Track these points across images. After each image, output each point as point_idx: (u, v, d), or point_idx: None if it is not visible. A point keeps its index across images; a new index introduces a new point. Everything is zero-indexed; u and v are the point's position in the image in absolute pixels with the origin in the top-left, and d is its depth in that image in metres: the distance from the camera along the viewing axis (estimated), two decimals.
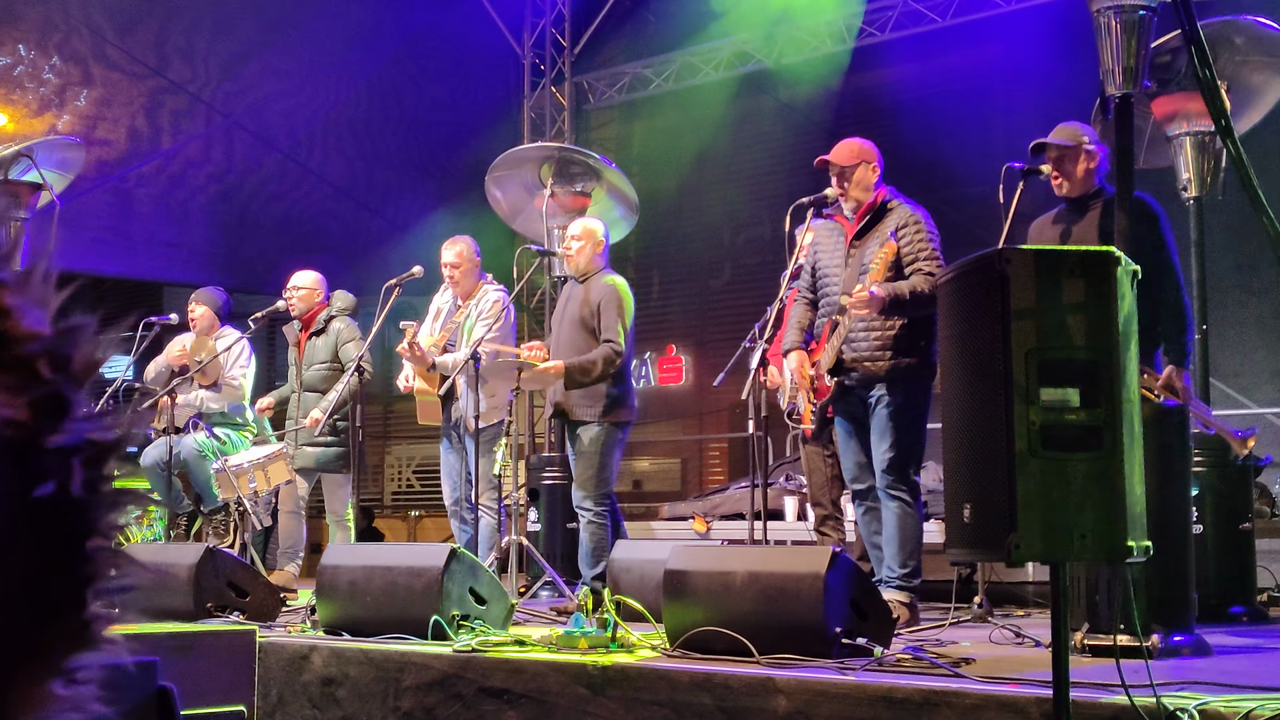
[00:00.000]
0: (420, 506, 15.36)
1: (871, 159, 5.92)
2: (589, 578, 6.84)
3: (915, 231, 5.77)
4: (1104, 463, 3.00)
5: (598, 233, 7.21)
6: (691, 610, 4.68)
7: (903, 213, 5.83)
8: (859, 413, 5.89)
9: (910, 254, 5.72)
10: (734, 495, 9.12)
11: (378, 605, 5.43)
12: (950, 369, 3.33)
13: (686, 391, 13.74)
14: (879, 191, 5.91)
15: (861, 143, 5.96)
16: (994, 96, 10.73)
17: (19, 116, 10.05)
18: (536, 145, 9.43)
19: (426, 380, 7.34)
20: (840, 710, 3.90)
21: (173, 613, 5.97)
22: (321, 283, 8.36)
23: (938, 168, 10.29)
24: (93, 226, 10.34)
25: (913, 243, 5.74)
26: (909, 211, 5.84)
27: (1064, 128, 5.56)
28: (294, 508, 8.13)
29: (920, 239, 5.75)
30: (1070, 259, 3.07)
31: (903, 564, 5.74)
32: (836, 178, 5.89)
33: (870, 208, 5.88)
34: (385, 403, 16.55)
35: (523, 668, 4.66)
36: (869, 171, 5.89)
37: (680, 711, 4.24)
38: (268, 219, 11.43)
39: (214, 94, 10.93)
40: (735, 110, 12.42)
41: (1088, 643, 4.39)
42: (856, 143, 5.96)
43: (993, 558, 3.62)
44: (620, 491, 13.58)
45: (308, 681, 5.26)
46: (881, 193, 5.92)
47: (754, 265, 12.27)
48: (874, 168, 5.91)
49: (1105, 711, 3.42)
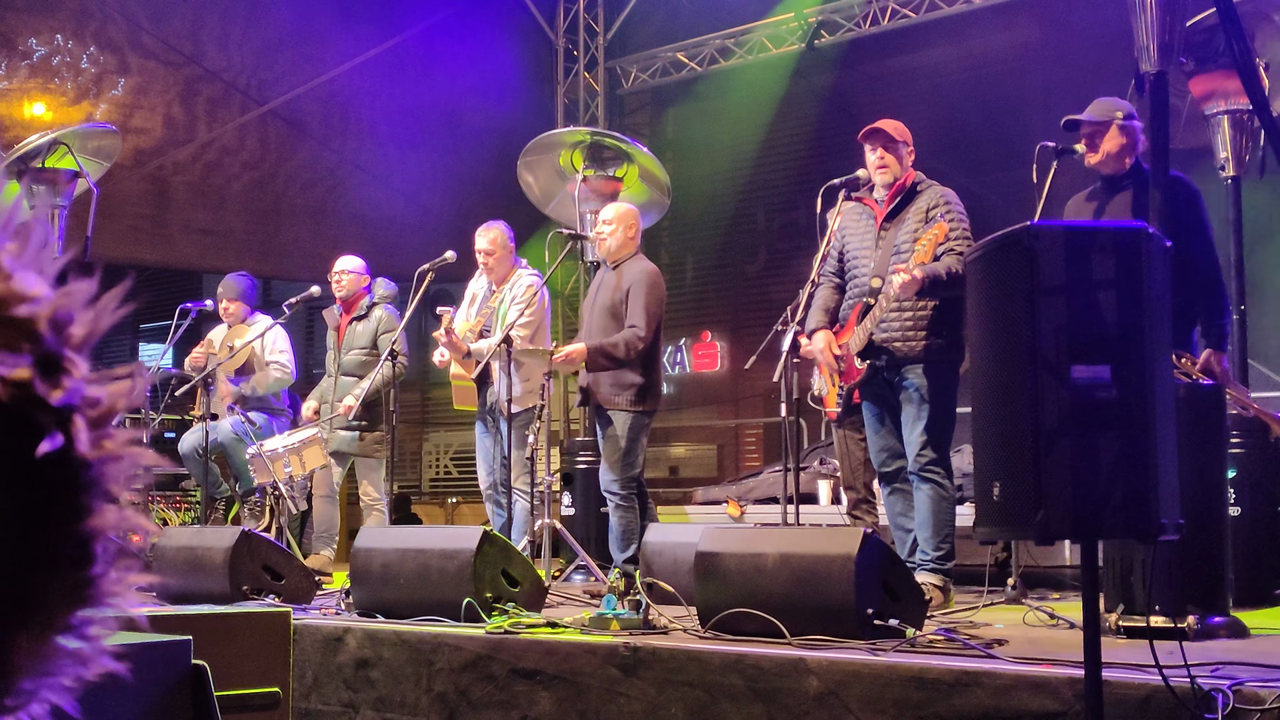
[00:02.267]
0: (458, 493, 15.42)
1: (910, 143, 5.95)
2: (620, 561, 6.85)
3: (947, 213, 5.77)
4: (1135, 440, 2.97)
5: (630, 217, 7.20)
6: (723, 592, 4.68)
7: (933, 194, 5.83)
8: (887, 396, 5.87)
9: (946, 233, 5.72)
10: (767, 479, 9.11)
11: (411, 587, 5.45)
12: (979, 347, 3.31)
13: (722, 377, 13.71)
14: (910, 174, 5.91)
15: (901, 125, 6.01)
16: (1031, 78, 10.65)
17: (57, 105, 10.13)
18: (569, 130, 9.43)
19: (462, 365, 7.36)
20: (871, 691, 3.88)
21: (208, 596, 6.02)
22: (365, 268, 8.42)
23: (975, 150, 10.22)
24: (130, 215, 10.41)
25: (948, 221, 5.73)
26: (939, 193, 5.84)
27: (1099, 103, 5.51)
28: (328, 492, 8.18)
29: (953, 220, 5.74)
30: (1101, 235, 3.05)
31: (936, 547, 5.73)
32: (883, 146, 5.89)
33: (900, 189, 5.87)
34: (423, 390, 16.61)
35: (555, 649, 4.66)
36: (907, 153, 5.93)
37: (712, 692, 4.23)
38: (303, 206, 11.47)
39: (249, 81, 10.98)
40: (770, 93, 12.37)
41: (1123, 624, 4.36)
42: (897, 123, 6.00)
43: (1022, 536, 3.60)
44: (657, 477, 13.66)
45: (342, 663, 5.29)
46: (912, 175, 5.92)
47: (790, 250, 12.22)
48: (910, 152, 5.96)
49: (1139, 692, 3.40)
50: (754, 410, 13.09)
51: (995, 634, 4.53)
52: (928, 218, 5.78)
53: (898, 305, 5.74)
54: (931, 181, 5.94)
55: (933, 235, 5.57)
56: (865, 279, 5.86)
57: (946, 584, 5.71)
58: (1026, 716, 3.58)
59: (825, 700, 3.97)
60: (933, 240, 5.57)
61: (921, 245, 5.58)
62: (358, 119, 11.67)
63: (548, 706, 4.62)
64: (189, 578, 6.23)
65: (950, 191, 5.88)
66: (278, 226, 11.35)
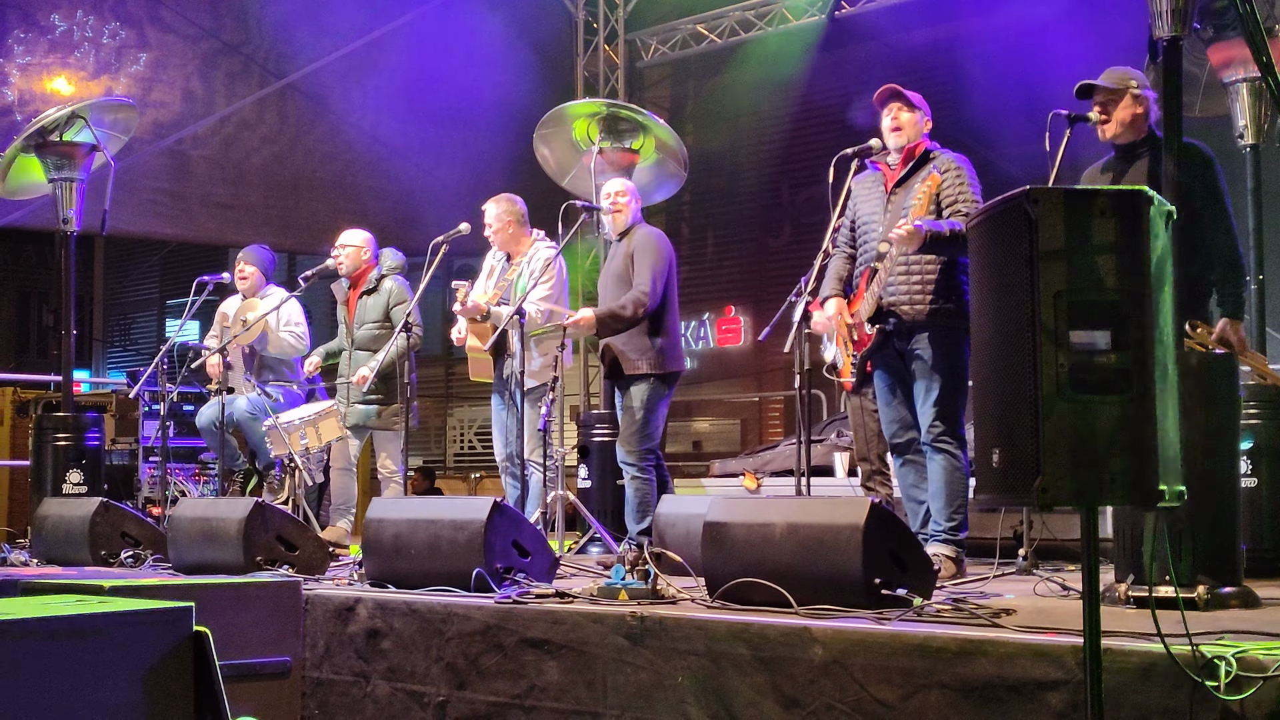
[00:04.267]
0: (482, 468, 15.46)
1: (928, 112, 5.96)
2: (635, 532, 6.86)
3: (956, 176, 5.76)
4: (1135, 406, 2.93)
5: (636, 190, 7.30)
6: (730, 562, 4.67)
7: (943, 160, 5.82)
8: (898, 366, 5.85)
9: (950, 197, 5.72)
10: (784, 452, 9.10)
11: (422, 558, 5.46)
12: (979, 312, 3.28)
13: (745, 351, 13.71)
14: (923, 141, 5.89)
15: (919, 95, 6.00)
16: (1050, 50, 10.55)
17: (78, 80, 10.16)
18: (584, 102, 9.40)
19: (478, 335, 7.35)
20: (876, 660, 3.88)
21: (223, 567, 6.06)
22: (370, 241, 8.40)
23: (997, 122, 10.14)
24: (149, 188, 10.46)
25: (953, 186, 5.75)
26: (950, 158, 5.83)
27: (1112, 71, 5.45)
28: (345, 464, 8.20)
29: (960, 183, 5.75)
30: (1101, 199, 3.00)
31: (949, 518, 5.71)
32: (902, 106, 5.87)
33: (911, 154, 5.85)
34: (447, 364, 16.66)
35: (563, 619, 4.67)
36: (924, 120, 5.92)
37: (717, 661, 4.23)
38: (322, 180, 11.49)
39: (267, 55, 10.99)
40: (791, 66, 12.31)
41: (1132, 594, 4.33)
42: (916, 94, 5.98)
43: (1021, 502, 3.58)
44: (679, 451, 13.66)
45: (353, 633, 5.31)
46: (925, 143, 5.90)
47: (814, 224, 12.16)
48: (927, 120, 5.94)
49: (1141, 660, 3.38)
50: (776, 384, 13.09)
51: (1004, 604, 4.51)
52: (942, 181, 5.76)
53: (904, 268, 5.72)
54: (944, 150, 5.91)
55: (926, 189, 5.58)
56: (874, 244, 5.83)
57: (959, 555, 5.69)
58: (1029, 685, 3.57)
59: (830, 669, 3.97)
60: (928, 192, 5.58)
61: (917, 200, 5.58)
62: (376, 93, 11.67)
63: (555, 675, 4.64)
64: (204, 549, 6.27)
65: (962, 157, 5.86)
66: (296, 200, 11.38)
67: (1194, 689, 3.26)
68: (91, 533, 6.98)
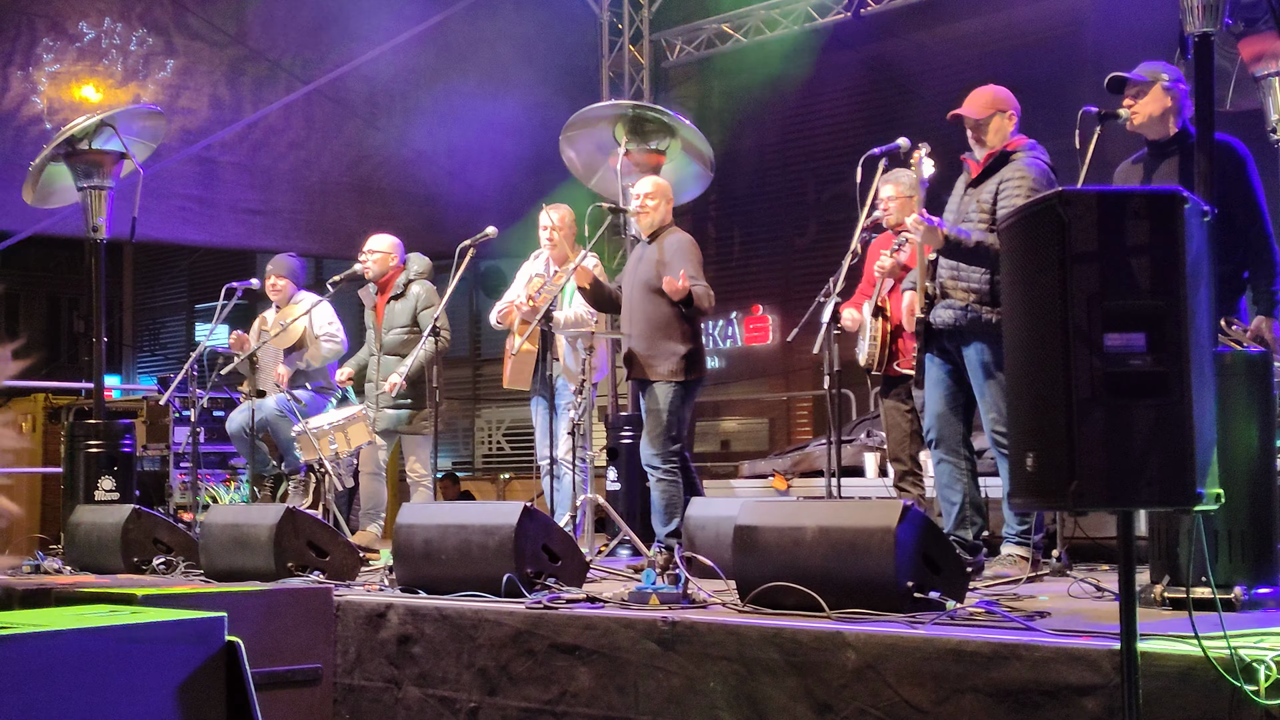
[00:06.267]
0: (510, 469, 15.46)
1: (1007, 108, 5.77)
2: (663, 535, 6.84)
3: (1016, 185, 5.59)
4: (1171, 409, 2.90)
5: (668, 191, 7.23)
6: (762, 565, 4.64)
7: (1016, 165, 5.66)
8: (948, 364, 5.79)
9: (1005, 206, 5.57)
10: (813, 452, 9.07)
11: (452, 563, 5.46)
12: (1013, 315, 3.25)
13: (773, 351, 13.67)
14: (1012, 140, 5.75)
15: (995, 91, 5.80)
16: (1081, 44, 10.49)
17: (105, 87, 10.21)
18: (610, 103, 9.38)
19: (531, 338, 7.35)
20: (909, 664, 3.85)
21: (254, 573, 6.07)
22: (397, 246, 8.40)
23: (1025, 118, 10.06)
24: (178, 195, 10.50)
25: (1008, 196, 5.59)
26: (1022, 165, 5.65)
27: (1145, 66, 5.40)
28: (375, 469, 8.21)
29: (1018, 194, 5.54)
30: (1134, 200, 2.97)
31: (1021, 520, 5.68)
32: (972, 130, 5.76)
33: (992, 155, 5.73)
34: (474, 366, 16.67)
35: (594, 624, 4.65)
36: (1005, 120, 5.76)
37: (750, 666, 4.21)
38: (349, 185, 11.52)
39: (294, 61, 11.02)
40: (817, 64, 12.26)
41: (1168, 595, 4.29)
42: (989, 92, 5.80)
43: (1056, 506, 3.55)
44: (708, 451, 13.63)
45: (385, 639, 5.31)
46: (1014, 142, 5.75)
47: (841, 222, 12.09)
48: (1010, 115, 5.77)
49: (1179, 663, 3.34)
50: (805, 383, 13.04)
51: (1038, 606, 4.48)
52: (999, 189, 5.65)
53: (953, 273, 5.66)
54: (1030, 153, 5.72)
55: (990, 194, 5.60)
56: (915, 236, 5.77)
57: (1035, 556, 5.66)
58: (1065, 689, 3.53)
59: (863, 674, 3.94)
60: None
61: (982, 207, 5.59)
62: (402, 97, 11.70)
63: (587, 681, 4.62)
64: (234, 555, 6.28)
65: (1036, 164, 5.67)
66: (324, 205, 11.41)
67: (1233, 693, 3.22)
68: (124, 539, 7.00)
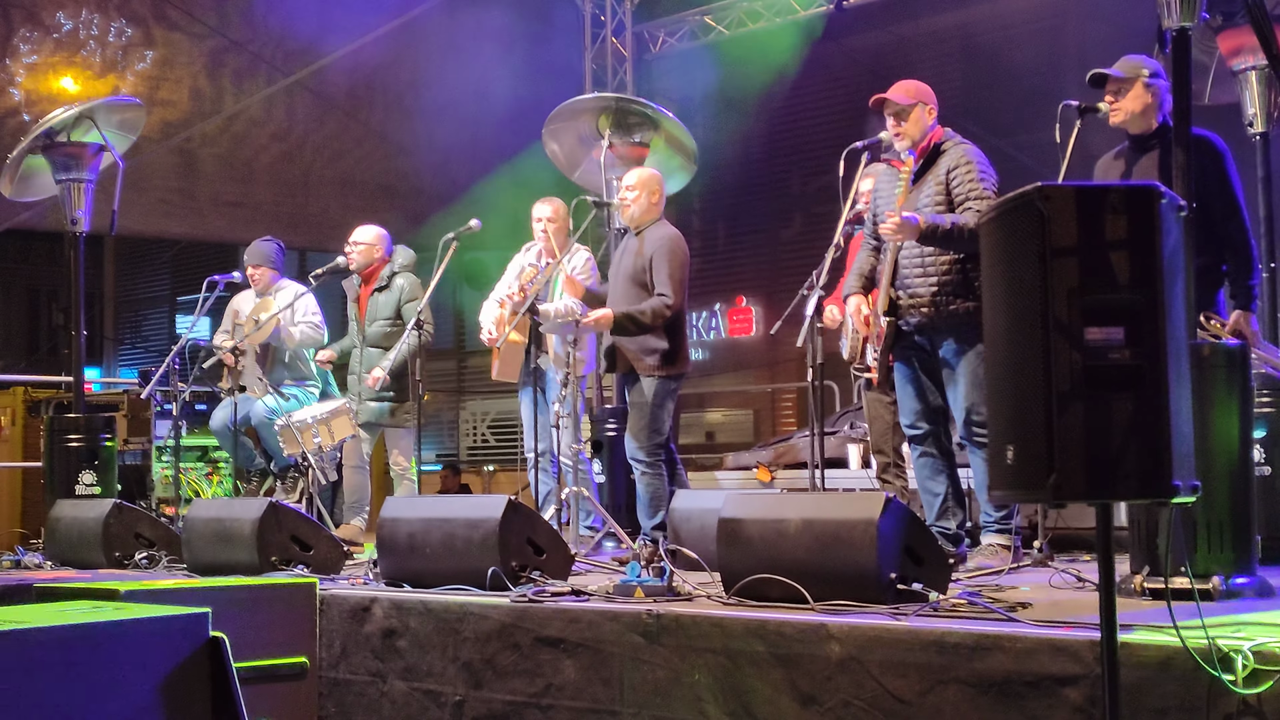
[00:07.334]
0: (495, 461, 15.47)
1: (929, 100, 5.85)
2: (648, 528, 6.86)
3: (966, 171, 5.70)
4: (1149, 402, 2.93)
5: (653, 183, 7.16)
6: (746, 558, 4.67)
7: (956, 154, 5.76)
8: (919, 359, 5.83)
9: (961, 194, 5.66)
10: (796, 444, 9.10)
11: (437, 557, 5.47)
12: (992, 308, 3.27)
13: (757, 343, 13.71)
14: (934, 133, 5.83)
15: (918, 84, 5.90)
16: (1064, 38, 10.53)
17: (84, 79, 10.17)
18: (593, 96, 9.37)
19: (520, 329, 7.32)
20: (893, 655, 3.88)
21: (238, 567, 6.07)
22: (382, 238, 8.37)
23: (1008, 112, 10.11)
24: (158, 188, 10.47)
25: (963, 182, 5.68)
26: (962, 152, 5.76)
27: (1126, 61, 5.43)
28: (358, 462, 8.20)
29: (971, 178, 5.67)
30: (1112, 195, 3.00)
31: (999, 508, 5.73)
32: (894, 117, 5.82)
33: (925, 150, 5.80)
34: (459, 358, 16.67)
35: (578, 617, 4.67)
36: (925, 113, 5.83)
37: (734, 658, 4.23)
38: (331, 178, 11.49)
39: (274, 53, 10.99)
40: (800, 55, 12.28)
41: (1148, 585, 4.32)
42: (913, 83, 5.89)
43: (1035, 499, 3.57)
44: (693, 443, 13.65)
45: (369, 633, 5.32)
46: (937, 134, 5.84)
47: (826, 214, 12.10)
48: (930, 110, 5.85)
49: (1158, 653, 3.37)
50: (789, 375, 13.08)
51: (1020, 597, 4.50)
52: (948, 179, 5.71)
53: (920, 267, 5.70)
54: (958, 140, 5.84)
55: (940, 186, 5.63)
56: (890, 241, 5.81)
57: (1015, 544, 5.72)
58: (1047, 680, 3.56)
59: (847, 665, 3.97)
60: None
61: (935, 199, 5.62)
62: (383, 89, 11.68)
63: (572, 674, 4.64)
64: (218, 549, 6.28)
65: (974, 149, 5.79)
66: (307, 197, 11.39)
67: (1211, 683, 3.25)
68: (105, 534, 6.99)
